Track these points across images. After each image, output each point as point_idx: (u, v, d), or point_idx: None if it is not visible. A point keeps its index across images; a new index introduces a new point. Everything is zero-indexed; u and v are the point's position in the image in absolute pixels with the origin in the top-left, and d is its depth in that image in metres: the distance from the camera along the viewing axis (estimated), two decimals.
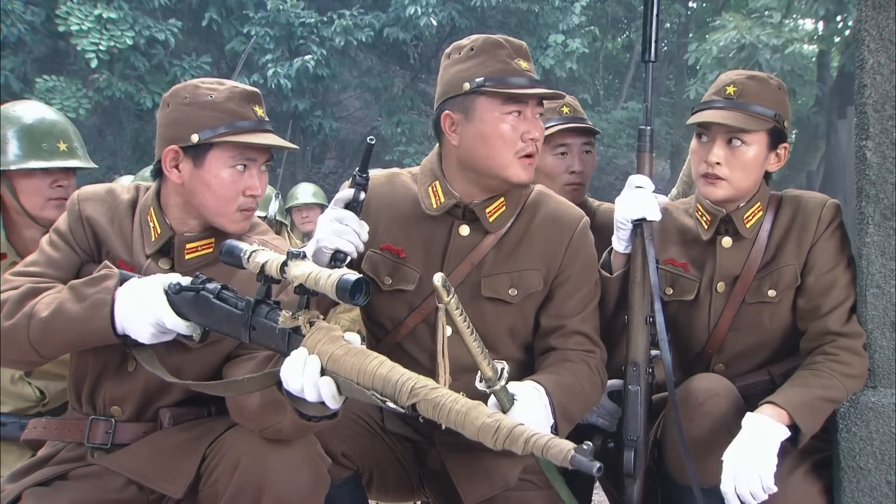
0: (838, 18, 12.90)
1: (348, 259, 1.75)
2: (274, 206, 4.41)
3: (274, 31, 11.52)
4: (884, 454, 1.97)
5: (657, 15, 2.07)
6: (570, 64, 12.38)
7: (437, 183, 1.96)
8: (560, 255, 1.97)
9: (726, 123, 2.01)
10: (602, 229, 2.25)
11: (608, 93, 16.55)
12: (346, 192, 1.78)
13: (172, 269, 1.81)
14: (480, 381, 1.68)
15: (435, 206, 1.95)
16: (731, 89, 2.04)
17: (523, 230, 1.98)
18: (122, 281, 1.70)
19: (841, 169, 12.79)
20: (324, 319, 1.49)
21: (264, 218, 4.34)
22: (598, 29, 14.49)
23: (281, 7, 11.44)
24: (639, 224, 2.02)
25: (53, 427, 1.87)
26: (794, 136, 14.60)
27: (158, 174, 1.86)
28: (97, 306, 1.66)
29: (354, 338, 1.45)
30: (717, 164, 2.02)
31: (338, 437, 1.87)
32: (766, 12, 13.03)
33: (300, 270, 1.44)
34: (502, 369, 1.68)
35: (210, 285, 1.63)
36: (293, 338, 1.47)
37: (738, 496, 1.81)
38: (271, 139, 1.81)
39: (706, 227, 2.13)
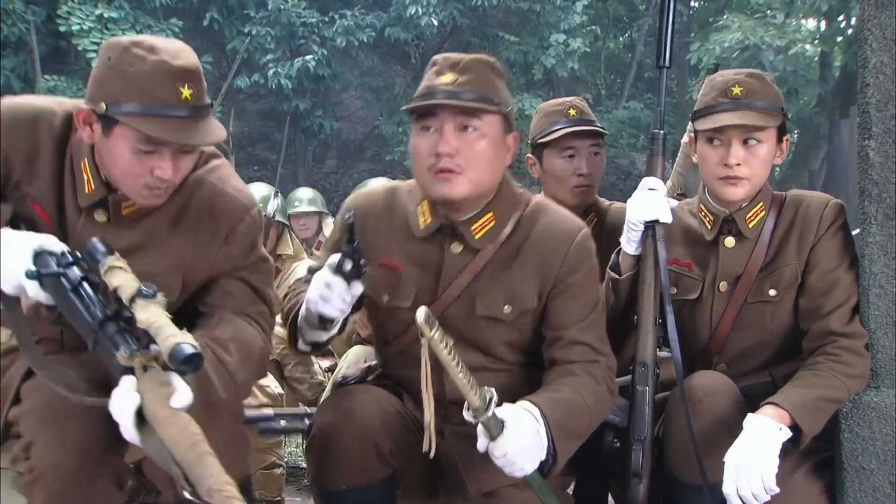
0: (840, 17, 12.91)
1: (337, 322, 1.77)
2: (273, 205, 4.38)
3: (275, 30, 11.53)
4: (886, 454, 1.97)
5: (673, 21, 2.09)
6: (572, 63, 12.38)
7: (425, 202, 1.92)
8: (556, 268, 1.90)
9: (747, 124, 2.01)
10: (614, 229, 2.26)
11: (610, 92, 16.53)
12: (336, 256, 1.73)
13: (109, 222, 1.74)
14: (468, 411, 1.64)
15: (422, 226, 1.92)
16: (737, 89, 2.04)
17: (519, 244, 1.92)
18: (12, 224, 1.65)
19: (843, 168, 12.80)
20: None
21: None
22: (599, 28, 14.48)
23: (282, 7, 11.44)
24: (651, 226, 2.02)
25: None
26: (796, 135, 14.63)
27: None
28: None
29: (185, 396, 1.44)
30: (738, 165, 2.02)
31: (388, 436, 1.83)
32: (769, 12, 13.04)
33: (145, 315, 1.43)
34: (490, 399, 1.64)
35: (73, 272, 1.55)
36: (126, 375, 1.47)
37: (740, 497, 1.81)
38: (178, 130, 1.62)
39: (709, 227, 2.13)
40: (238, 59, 7.13)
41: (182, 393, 1.45)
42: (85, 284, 1.55)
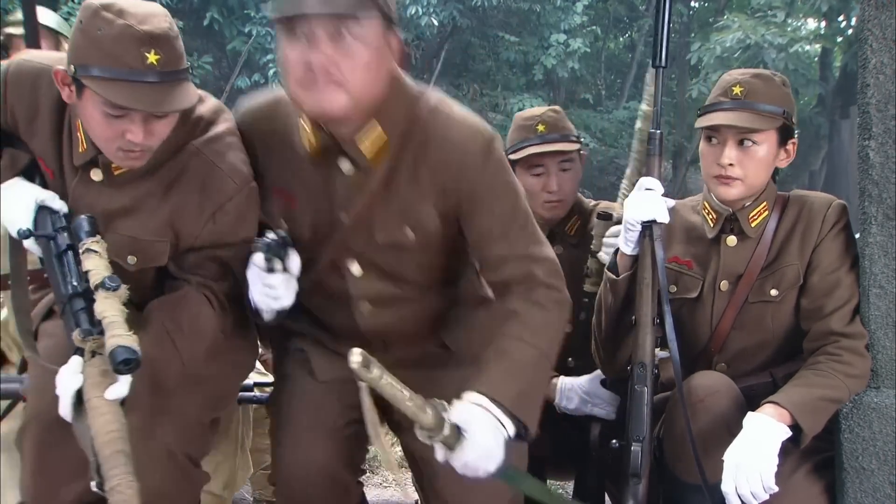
0: (841, 18, 12.92)
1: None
2: None
3: (275, 30, 11.52)
4: (886, 455, 1.97)
5: (669, 21, 2.08)
6: (572, 63, 12.41)
7: (305, 116, 1.68)
8: (457, 182, 1.71)
9: (737, 125, 2.01)
10: None
11: (610, 92, 16.54)
12: (260, 258, 1.68)
13: (104, 182, 1.75)
14: (421, 430, 1.52)
15: (309, 148, 1.71)
16: (737, 89, 2.04)
17: (414, 158, 1.71)
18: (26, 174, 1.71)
19: (843, 169, 12.82)
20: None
21: None
22: (599, 28, 14.50)
23: None
24: (648, 226, 2.03)
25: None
26: (796, 135, 14.65)
27: None
28: None
29: (122, 387, 1.45)
30: (730, 165, 2.02)
31: (346, 464, 1.87)
32: (770, 11, 13.04)
33: (101, 307, 1.46)
34: (443, 413, 1.53)
35: (62, 238, 1.60)
36: (76, 354, 1.51)
37: (739, 496, 1.81)
38: (143, 96, 1.58)
39: (712, 225, 2.13)
40: (241, 61, 7.13)
41: (119, 386, 1.45)
42: (69, 253, 1.58)
